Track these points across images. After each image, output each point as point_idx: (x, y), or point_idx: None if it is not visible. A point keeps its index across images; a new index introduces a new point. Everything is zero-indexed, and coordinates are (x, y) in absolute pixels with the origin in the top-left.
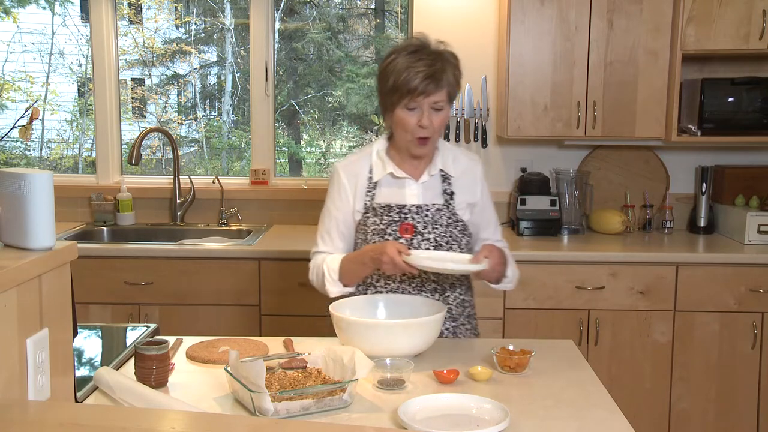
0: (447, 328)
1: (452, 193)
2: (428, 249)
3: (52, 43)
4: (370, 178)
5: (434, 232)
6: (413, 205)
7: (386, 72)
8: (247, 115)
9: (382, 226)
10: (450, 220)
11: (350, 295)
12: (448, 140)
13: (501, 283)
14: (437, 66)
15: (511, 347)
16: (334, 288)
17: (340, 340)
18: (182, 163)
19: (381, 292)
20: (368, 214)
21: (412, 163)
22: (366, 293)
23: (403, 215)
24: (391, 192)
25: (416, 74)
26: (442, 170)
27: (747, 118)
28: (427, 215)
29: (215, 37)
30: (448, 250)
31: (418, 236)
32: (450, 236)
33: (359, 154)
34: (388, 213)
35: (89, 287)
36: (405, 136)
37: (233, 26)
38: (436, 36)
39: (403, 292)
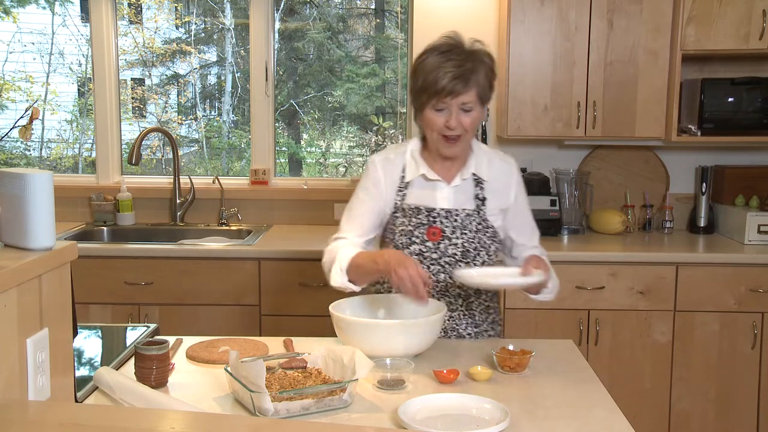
0: (469, 334)
1: (484, 199)
2: (455, 254)
3: (52, 43)
4: (403, 177)
5: (462, 238)
6: (443, 209)
7: (416, 71)
8: (247, 115)
9: (410, 228)
10: (480, 226)
11: (352, 293)
12: None
13: (541, 293)
14: (467, 66)
15: (511, 347)
16: (337, 278)
17: (340, 340)
18: (182, 163)
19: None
20: (397, 214)
21: (444, 166)
22: (390, 292)
23: (431, 219)
24: (422, 194)
25: (444, 74)
26: (474, 174)
27: (747, 118)
28: (456, 220)
29: (215, 37)
30: (475, 256)
31: (446, 240)
32: (478, 242)
33: (395, 151)
34: (416, 215)
35: (89, 287)
36: (433, 136)
37: (233, 26)
38: (436, 36)
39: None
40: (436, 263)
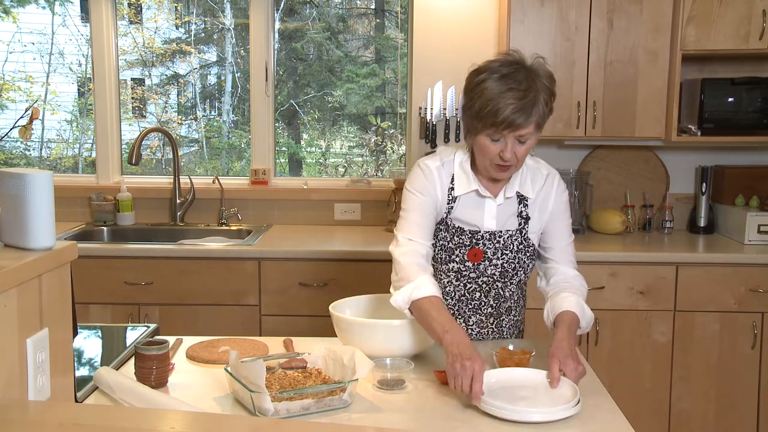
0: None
1: (527, 218)
2: (494, 274)
3: (52, 43)
4: (451, 189)
5: (503, 258)
6: (487, 232)
7: (473, 93)
8: (247, 115)
9: (451, 246)
10: (520, 246)
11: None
12: (447, 140)
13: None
14: (529, 97)
15: (511, 347)
16: (401, 302)
17: (340, 340)
18: (182, 163)
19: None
20: (440, 227)
21: (490, 182)
22: None
23: (475, 241)
24: (469, 212)
25: (506, 106)
26: (519, 192)
27: (747, 118)
28: (499, 242)
29: (215, 37)
30: (513, 276)
31: (486, 261)
32: (518, 263)
33: (443, 159)
34: (460, 235)
35: (89, 287)
36: (485, 162)
37: (233, 26)
38: (436, 36)
39: (458, 311)
40: (474, 282)
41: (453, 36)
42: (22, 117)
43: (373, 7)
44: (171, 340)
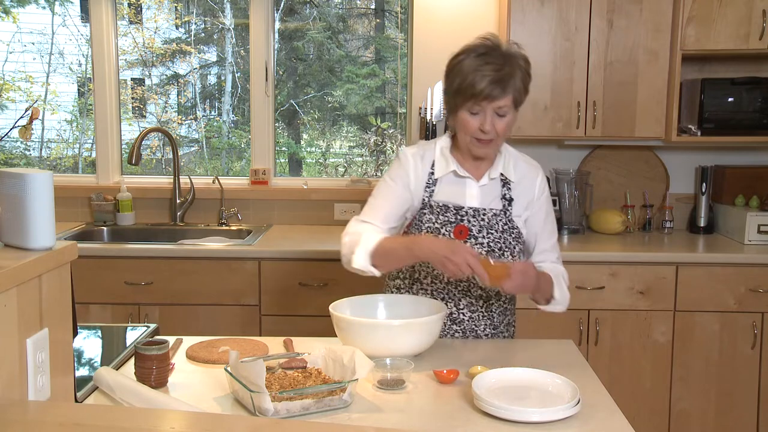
0: (487, 335)
1: (511, 199)
2: (481, 254)
3: (52, 43)
4: (431, 173)
5: (488, 237)
6: (471, 208)
7: (453, 72)
8: (247, 115)
9: (437, 225)
10: (505, 227)
11: (353, 294)
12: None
13: (550, 305)
14: (505, 70)
15: (491, 260)
16: (360, 260)
17: (340, 340)
18: (182, 163)
19: (426, 290)
20: (425, 210)
21: (473, 164)
22: (412, 287)
23: (459, 217)
24: (451, 191)
25: (482, 78)
26: (502, 174)
27: (747, 118)
28: (483, 219)
29: (215, 37)
30: (500, 256)
31: (472, 239)
32: (504, 243)
33: (424, 147)
34: (444, 213)
35: (89, 287)
36: (466, 138)
37: (233, 26)
38: (436, 36)
39: (448, 294)
40: None
41: (453, 36)
42: (22, 117)
43: (373, 7)
44: (171, 340)
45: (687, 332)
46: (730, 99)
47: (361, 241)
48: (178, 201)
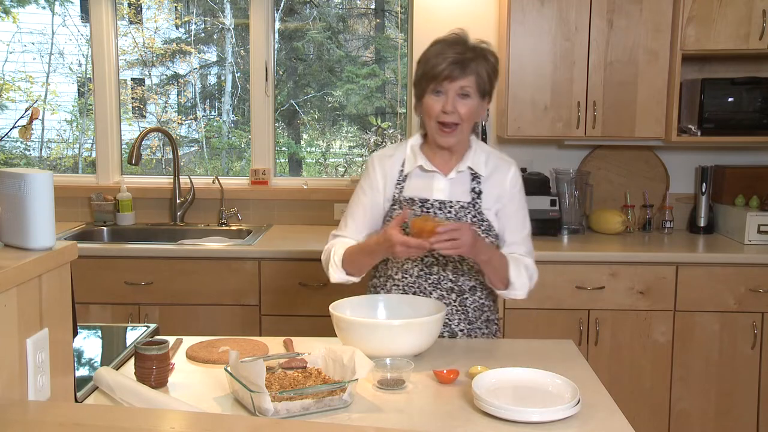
0: (462, 330)
1: (480, 192)
2: (416, 213)
3: (52, 43)
4: (402, 171)
5: None
6: (437, 200)
7: (420, 61)
8: (247, 115)
9: (406, 220)
10: (474, 219)
11: (352, 293)
12: None
13: (509, 289)
14: (467, 55)
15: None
16: (335, 273)
17: (340, 340)
18: (182, 163)
19: (398, 285)
20: (395, 206)
21: (443, 158)
22: (386, 285)
23: (425, 210)
24: (419, 185)
25: (444, 59)
26: (471, 168)
27: (747, 118)
28: (450, 211)
29: (215, 37)
30: None
31: None
32: None
33: (395, 147)
34: (411, 206)
35: (89, 287)
36: (431, 124)
37: (233, 26)
38: (436, 36)
39: (419, 287)
40: (430, 255)
41: None
42: (22, 117)
43: (373, 7)
44: (171, 340)
45: (687, 332)
46: (730, 99)
47: (331, 257)
48: (178, 201)
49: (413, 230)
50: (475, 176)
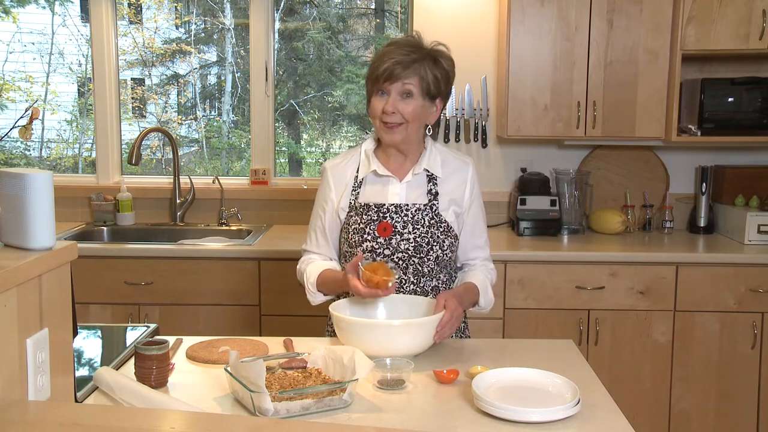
0: None
1: (437, 193)
2: (408, 249)
3: (52, 43)
4: (356, 177)
5: (414, 233)
6: (392, 205)
7: (370, 63)
8: (247, 115)
9: (362, 225)
10: (432, 221)
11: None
12: (448, 140)
13: (474, 308)
14: (413, 56)
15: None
16: (314, 298)
17: (340, 340)
18: (182, 163)
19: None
20: (351, 213)
21: (397, 162)
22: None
23: (381, 214)
24: (374, 190)
25: (388, 59)
26: (426, 170)
27: (747, 118)
28: (407, 215)
29: (215, 37)
30: (428, 251)
31: (397, 236)
32: (431, 237)
33: (348, 153)
34: (367, 212)
35: (89, 287)
36: (376, 123)
37: (233, 26)
38: (436, 36)
39: None
40: (390, 260)
41: (453, 36)
42: (22, 117)
43: (373, 7)
44: (171, 340)
45: (687, 332)
46: (730, 99)
47: (305, 283)
48: (178, 201)
49: (364, 278)
50: (431, 178)
